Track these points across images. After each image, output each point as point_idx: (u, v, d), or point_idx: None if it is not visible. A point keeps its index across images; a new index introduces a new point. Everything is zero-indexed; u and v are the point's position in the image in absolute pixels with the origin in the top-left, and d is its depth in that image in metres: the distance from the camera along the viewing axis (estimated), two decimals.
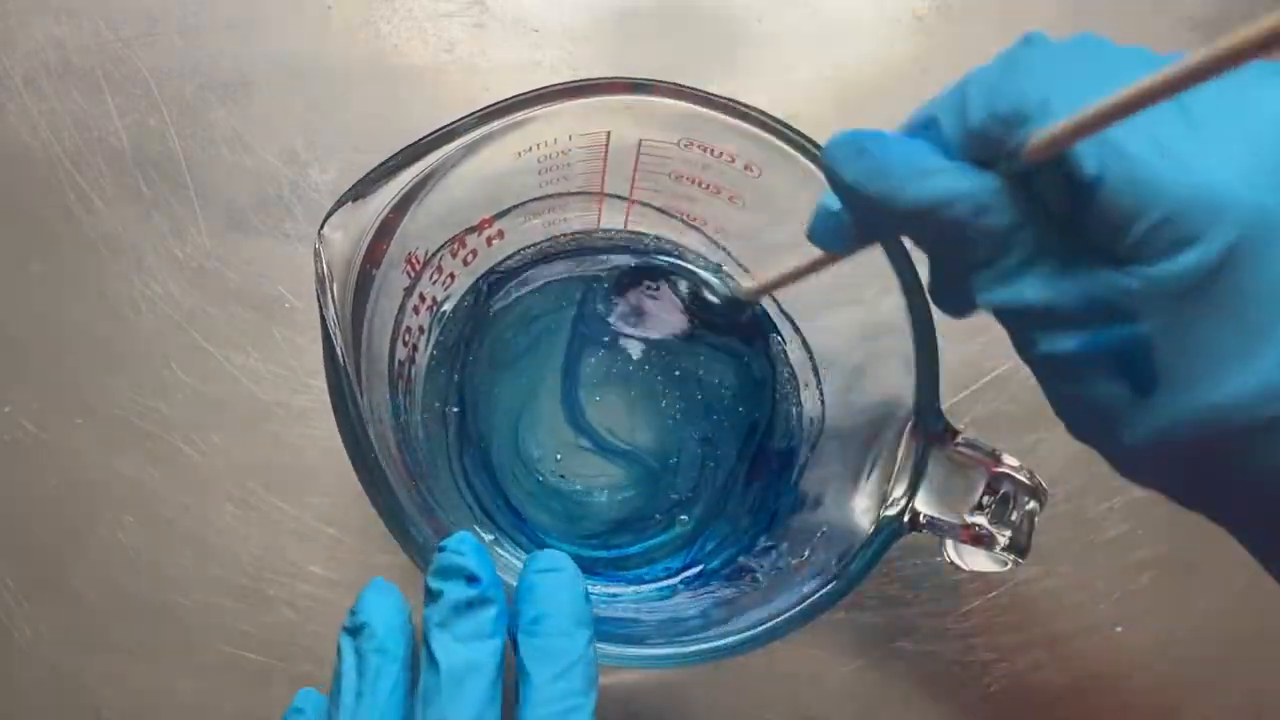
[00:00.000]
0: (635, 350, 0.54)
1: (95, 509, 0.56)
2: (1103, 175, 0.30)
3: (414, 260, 0.46)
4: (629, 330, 0.53)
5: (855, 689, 0.56)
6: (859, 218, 0.37)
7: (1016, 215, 0.32)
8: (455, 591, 0.36)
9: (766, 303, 0.54)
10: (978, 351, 0.58)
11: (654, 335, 0.54)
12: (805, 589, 0.43)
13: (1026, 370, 0.35)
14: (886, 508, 0.43)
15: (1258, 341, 0.29)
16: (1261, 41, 0.25)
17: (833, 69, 0.63)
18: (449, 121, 0.43)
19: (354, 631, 0.38)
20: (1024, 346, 0.34)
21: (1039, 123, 0.30)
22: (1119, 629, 0.57)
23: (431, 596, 0.37)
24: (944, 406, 0.43)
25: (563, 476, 0.53)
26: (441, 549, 0.37)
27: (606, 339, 0.54)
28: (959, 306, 0.38)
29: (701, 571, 0.52)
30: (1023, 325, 0.33)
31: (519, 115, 0.44)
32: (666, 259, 0.55)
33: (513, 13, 0.63)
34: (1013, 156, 0.31)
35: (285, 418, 0.57)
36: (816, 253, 0.42)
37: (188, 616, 0.55)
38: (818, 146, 0.45)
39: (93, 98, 0.61)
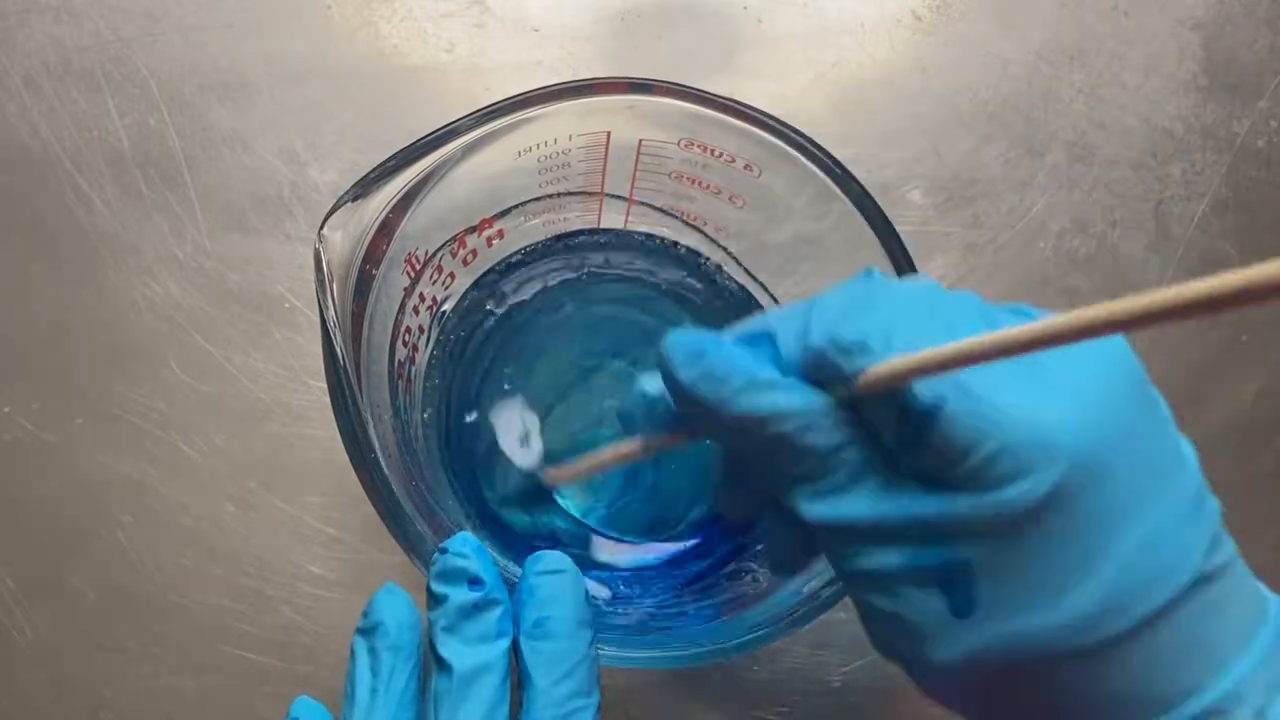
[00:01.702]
0: (635, 358, 0.54)
1: (95, 509, 0.56)
2: (939, 407, 0.30)
3: (414, 260, 0.46)
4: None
5: (855, 689, 0.56)
6: (687, 416, 0.37)
7: (843, 436, 0.33)
8: (459, 595, 0.37)
9: (763, 299, 0.54)
10: None
11: None
12: (805, 589, 0.43)
13: None
14: None
15: (1075, 575, 0.30)
16: (1107, 323, 0.25)
17: (833, 69, 0.63)
18: (449, 121, 0.43)
19: (367, 631, 0.38)
20: (841, 560, 0.34)
21: (878, 357, 0.31)
22: None
23: (436, 600, 0.37)
24: None
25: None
26: (443, 551, 0.37)
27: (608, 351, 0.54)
28: (744, 514, 0.41)
29: (701, 572, 0.52)
30: (842, 541, 0.33)
31: (519, 115, 0.44)
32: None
33: (513, 13, 0.63)
34: (848, 383, 0.32)
35: (285, 418, 0.57)
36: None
37: (188, 616, 0.55)
38: (818, 146, 0.45)
39: (93, 98, 0.61)
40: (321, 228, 0.41)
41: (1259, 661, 0.32)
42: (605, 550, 0.52)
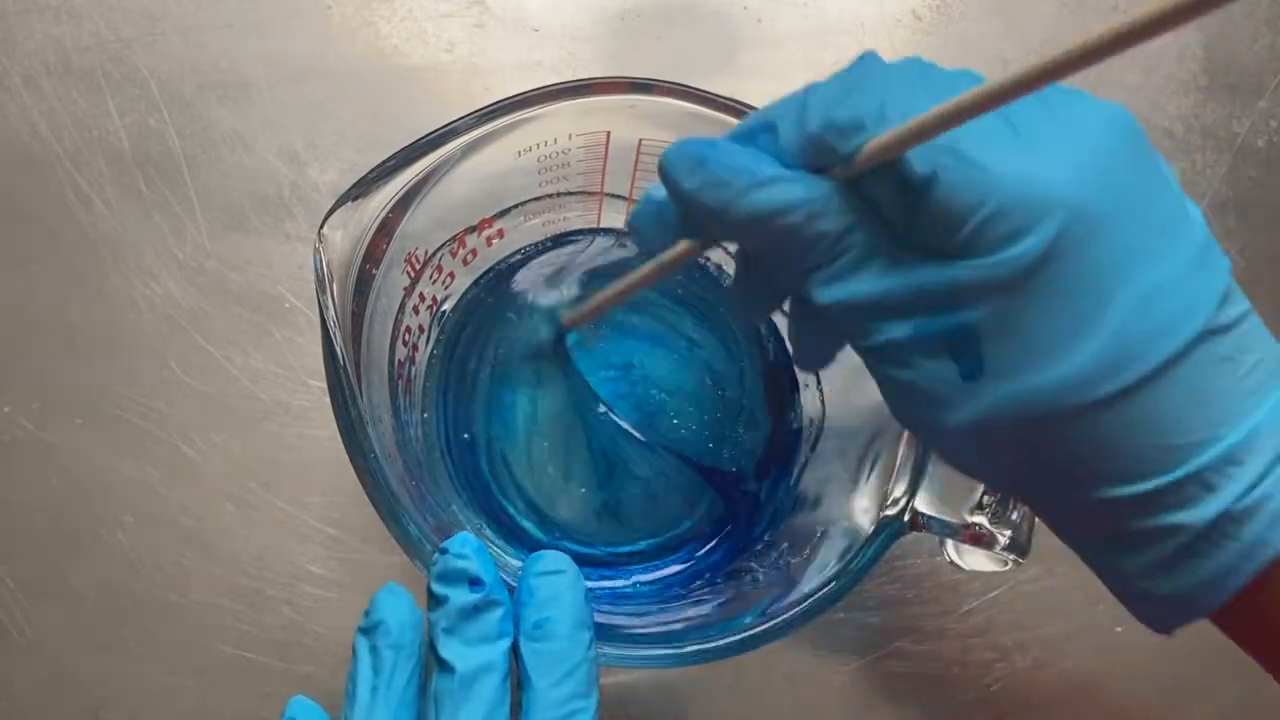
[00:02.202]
0: (637, 354, 0.54)
1: (95, 509, 0.56)
2: (935, 175, 0.31)
3: (414, 260, 0.46)
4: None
5: (855, 689, 0.56)
6: (697, 223, 0.38)
7: (850, 218, 0.33)
8: (460, 596, 0.37)
9: None
10: None
11: None
12: (805, 589, 0.43)
13: None
14: (887, 507, 0.43)
15: (1077, 331, 0.31)
16: (1081, 55, 0.26)
17: (833, 69, 0.63)
18: (449, 121, 0.43)
19: (369, 630, 0.38)
20: (858, 338, 0.35)
21: (874, 131, 0.32)
22: (1119, 629, 0.57)
23: (436, 601, 0.37)
24: None
25: (564, 479, 0.53)
26: (443, 552, 0.37)
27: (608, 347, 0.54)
28: (762, 313, 0.40)
29: (701, 571, 0.52)
30: (857, 319, 0.34)
31: (519, 115, 0.44)
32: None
33: (513, 13, 0.63)
34: (847, 162, 0.33)
35: (285, 418, 0.57)
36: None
37: (188, 616, 0.55)
38: None
39: (93, 98, 0.61)
40: (321, 227, 0.41)
41: (1276, 408, 0.32)
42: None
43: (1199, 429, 0.32)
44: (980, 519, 0.43)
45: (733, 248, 0.50)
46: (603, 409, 0.51)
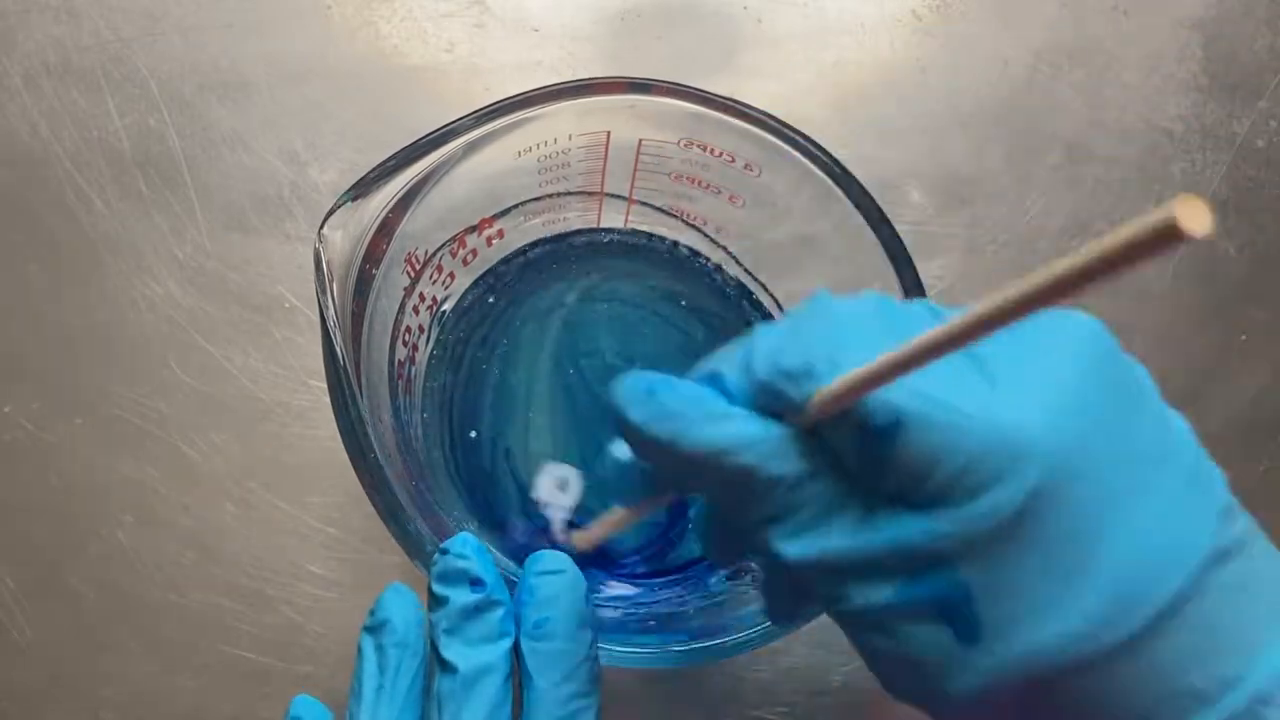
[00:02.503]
0: (635, 359, 0.54)
1: (95, 509, 0.56)
2: (899, 421, 0.29)
3: (413, 260, 0.46)
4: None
5: (855, 689, 0.56)
6: (648, 462, 0.36)
7: (809, 464, 0.31)
8: (461, 597, 0.37)
9: (764, 299, 0.54)
10: None
11: None
12: None
13: None
14: None
15: (1073, 580, 0.29)
16: (1044, 293, 0.24)
17: (833, 69, 0.63)
18: (449, 121, 0.43)
19: (375, 629, 0.38)
20: (834, 604, 0.32)
21: (826, 378, 0.30)
22: None
23: (437, 602, 0.37)
24: None
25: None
26: (444, 552, 0.37)
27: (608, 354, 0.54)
28: (730, 558, 0.39)
29: (701, 571, 0.52)
30: (828, 581, 0.32)
31: (519, 115, 0.44)
32: None
33: (513, 13, 0.63)
34: (800, 411, 0.31)
35: (285, 418, 0.57)
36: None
37: (188, 616, 0.55)
38: (818, 146, 0.45)
39: (93, 98, 0.61)
40: (321, 227, 0.41)
41: None
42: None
43: (1224, 666, 0.29)
44: None
45: None
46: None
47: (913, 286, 0.43)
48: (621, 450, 0.37)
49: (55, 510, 0.56)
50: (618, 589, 0.51)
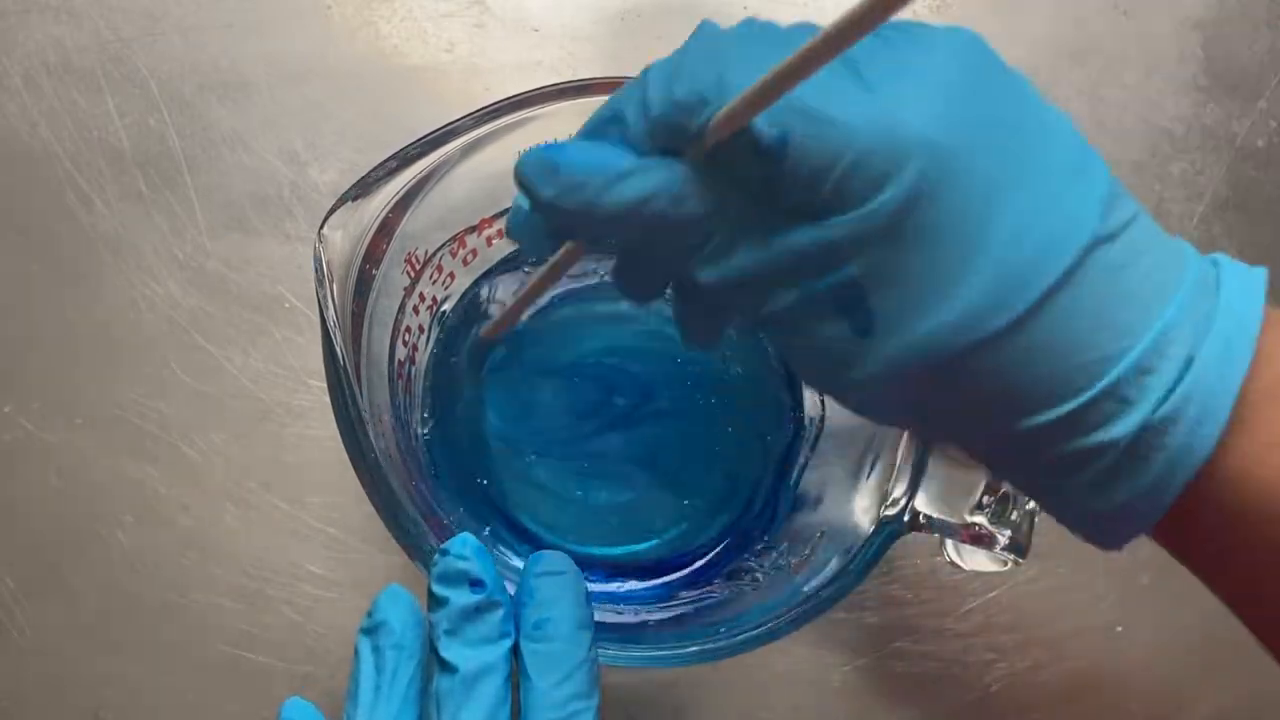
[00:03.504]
0: (644, 356, 0.54)
1: (95, 509, 0.56)
2: (785, 137, 0.31)
3: (414, 260, 0.46)
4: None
5: (855, 689, 0.56)
6: (564, 228, 0.38)
7: (714, 196, 0.33)
8: (461, 598, 0.37)
9: None
10: None
11: None
12: (805, 589, 0.43)
13: None
14: (887, 507, 0.43)
15: (959, 269, 0.31)
16: None
17: None
18: (449, 121, 0.43)
19: (372, 631, 0.38)
20: (748, 312, 0.35)
21: (717, 103, 0.32)
22: (1119, 629, 0.57)
23: (437, 602, 0.37)
24: None
25: (564, 478, 0.53)
26: (444, 553, 0.37)
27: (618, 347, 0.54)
28: (648, 293, 0.40)
29: (701, 572, 0.52)
30: (744, 296, 0.34)
31: (519, 115, 0.44)
32: None
33: (513, 13, 0.63)
34: (698, 140, 0.32)
35: (285, 418, 0.57)
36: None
37: (188, 616, 0.55)
38: None
39: (93, 98, 0.61)
40: (321, 227, 0.41)
41: (1181, 309, 0.32)
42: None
43: (1104, 343, 0.31)
44: (980, 519, 0.43)
45: None
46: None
47: None
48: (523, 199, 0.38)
49: (55, 510, 0.56)
50: (618, 590, 0.52)
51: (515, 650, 0.38)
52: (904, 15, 0.27)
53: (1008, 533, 0.43)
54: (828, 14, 0.63)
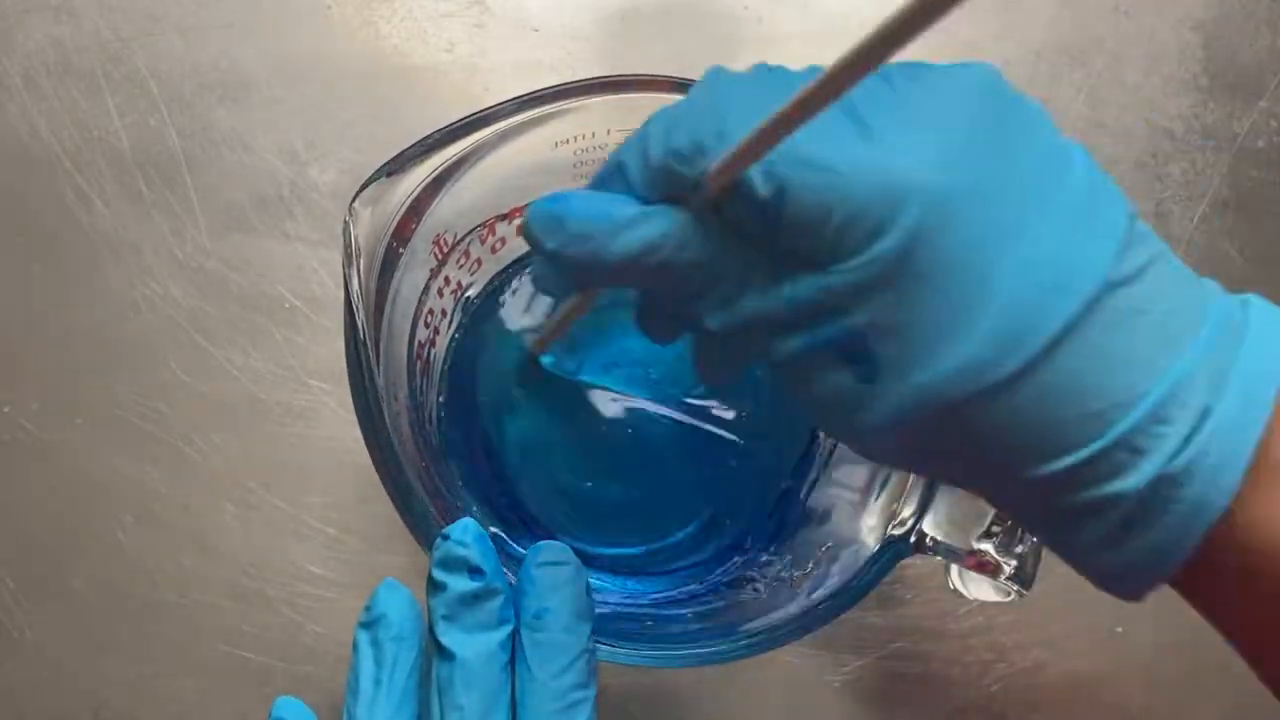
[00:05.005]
0: (663, 360, 0.54)
1: (95, 509, 0.56)
2: (782, 187, 0.31)
3: (442, 243, 0.46)
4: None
5: (855, 689, 0.56)
6: (574, 278, 0.37)
7: (716, 243, 0.33)
8: (459, 584, 0.37)
9: None
10: None
11: None
12: (806, 602, 0.43)
13: None
14: (893, 527, 0.43)
15: (963, 315, 0.30)
16: (899, 30, 0.26)
17: None
18: (449, 122, 0.43)
19: (370, 625, 0.38)
20: (759, 359, 0.35)
21: (715, 152, 0.32)
22: (1119, 629, 0.57)
23: (436, 588, 0.37)
24: None
25: (574, 474, 0.53)
26: (445, 538, 0.37)
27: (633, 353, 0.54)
28: (666, 336, 0.41)
29: (705, 578, 0.52)
30: (750, 341, 0.35)
31: (559, 105, 0.44)
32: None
33: (513, 13, 0.63)
34: (698, 189, 0.32)
35: (285, 418, 0.57)
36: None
37: (188, 616, 0.55)
38: None
39: (93, 98, 0.61)
40: (353, 202, 0.41)
41: (1198, 358, 0.31)
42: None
43: (1117, 391, 0.30)
44: (987, 546, 0.43)
45: None
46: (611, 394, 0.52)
47: None
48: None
49: (55, 510, 0.56)
50: (620, 589, 0.52)
51: (515, 640, 0.38)
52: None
53: (1014, 563, 0.43)
54: (829, 15, 0.63)
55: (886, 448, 0.35)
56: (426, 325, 0.48)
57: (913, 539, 0.43)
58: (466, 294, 0.52)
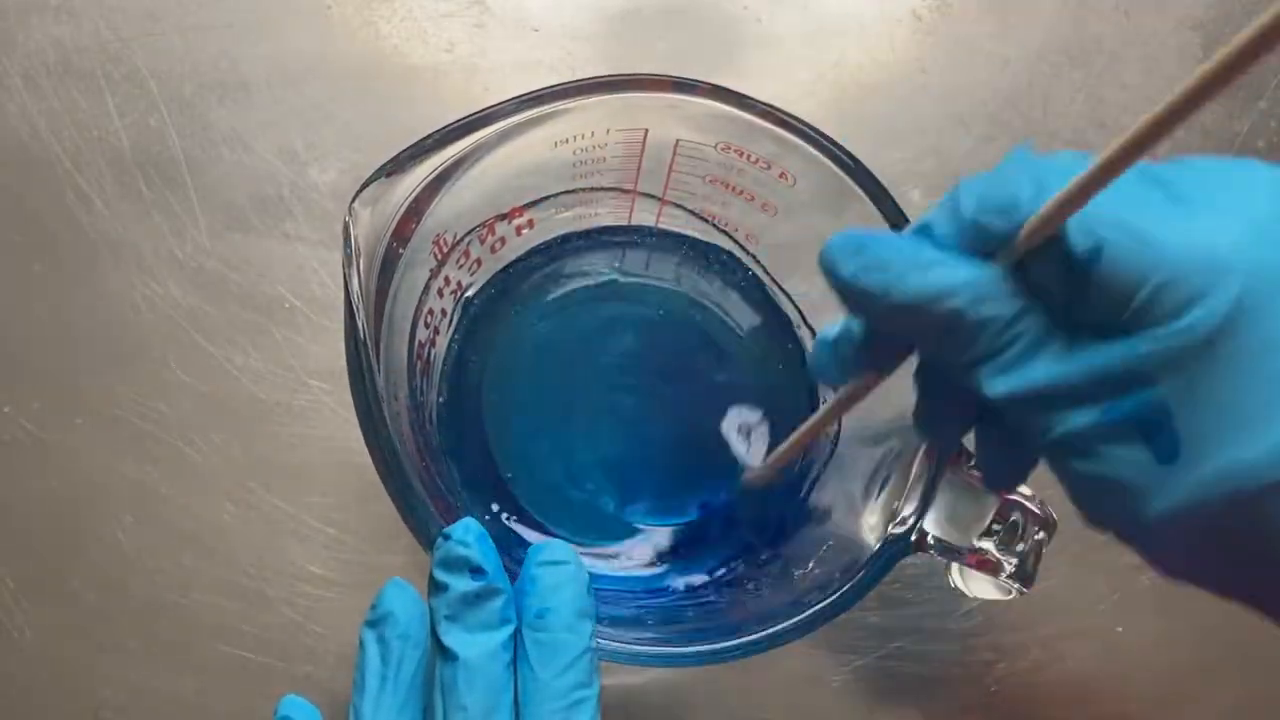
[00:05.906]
0: (662, 361, 0.54)
1: (95, 509, 0.56)
2: (1100, 247, 0.30)
3: (441, 243, 0.46)
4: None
5: (855, 689, 0.56)
6: (859, 318, 0.37)
7: (1018, 302, 0.32)
8: (461, 584, 0.37)
9: (789, 310, 0.54)
10: None
11: None
12: (806, 601, 0.43)
13: None
14: (894, 526, 0.43)
15: (1277, 393, 0.29)
16: (1206, 86, 0.26)
17: (833, 69, 0.63)
18: (449, 122, 0.43)
19: (376, 623, 0.38)
20: (1039, 434, 0.33)
21: (1031, 207, 0.31)
22: (1119, 629, 0.57)
23: (438, 588, 0.37)
24: None
25: (574, 473, 0.53)
26: (446, 537, 0.37)
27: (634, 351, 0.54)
28: (951, 433, 0.40)
29: (705, 576, 0.52)
30: (1035, 413, 0.33)
31: (558, 105, 0.44)
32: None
33: (513, 13, 0.63)
34: (1008, 244, 0.32)
35: (285, 418, 0.57)
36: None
37: (188, 616, 0.55)
38: (855, 160, 0.45)
39: (93, 98, 0.61)
40: (352, 202, 0.41)
41: None
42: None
43: None
44: (988, 544, 0.43)
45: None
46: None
47: None
48: (829, 328, 0.38)
49: (55, 510, 0.56)
50: (621, 589, 0.51)
51: (517, 638, 0.38)
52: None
53: (1014, 561, 0.43)
54: (829, 15, 0.63)
55: (1173, 541, 0.32)
56: (426, 325, 0.48)
57: (913, 538, 0.43)
58: (466, 294, 0.52)
